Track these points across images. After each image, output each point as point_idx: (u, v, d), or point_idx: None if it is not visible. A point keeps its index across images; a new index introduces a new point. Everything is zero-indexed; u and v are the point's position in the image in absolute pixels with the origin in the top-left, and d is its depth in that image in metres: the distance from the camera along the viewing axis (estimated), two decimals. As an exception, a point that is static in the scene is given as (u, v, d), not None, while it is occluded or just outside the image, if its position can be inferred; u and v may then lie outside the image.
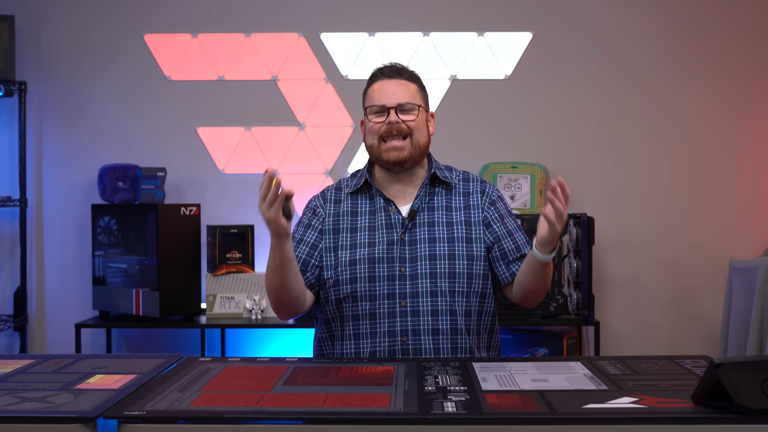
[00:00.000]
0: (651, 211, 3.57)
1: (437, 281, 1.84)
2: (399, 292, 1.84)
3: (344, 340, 1.87)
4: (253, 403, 1.34)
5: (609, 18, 3.57)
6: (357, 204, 1.95)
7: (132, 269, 3.32)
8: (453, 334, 1.84)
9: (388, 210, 1.91)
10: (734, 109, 3.56)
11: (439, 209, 1.92)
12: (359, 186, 1.96)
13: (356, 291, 1.85)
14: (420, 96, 1.94)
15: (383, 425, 1.26)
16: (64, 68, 3.60)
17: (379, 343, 1.83)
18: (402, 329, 1.83)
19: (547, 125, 3.58)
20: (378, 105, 1.90)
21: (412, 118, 1.89)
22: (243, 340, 3.57)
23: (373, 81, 1.96)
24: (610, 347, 3.52)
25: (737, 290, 3.10)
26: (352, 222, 1.92)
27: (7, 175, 3.58)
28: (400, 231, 1.88)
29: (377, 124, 1.89)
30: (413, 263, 1.86)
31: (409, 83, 1.93)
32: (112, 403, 1.34)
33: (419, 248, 1.87)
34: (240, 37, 3.59)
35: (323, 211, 1.96)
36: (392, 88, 1.91)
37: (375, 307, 1.84)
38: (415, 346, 1.82)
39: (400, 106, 1.89)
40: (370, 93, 1.94)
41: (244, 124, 3.60)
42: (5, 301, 3.60)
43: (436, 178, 1.95)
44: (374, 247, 1.87)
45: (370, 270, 1.86)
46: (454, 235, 1.89)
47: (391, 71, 1.94)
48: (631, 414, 1.25)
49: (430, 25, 3.58)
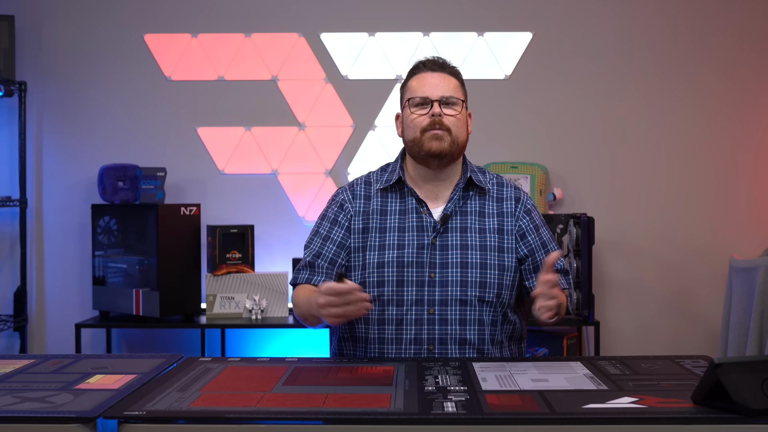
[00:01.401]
0: (651, 211, 3.57)
1: (468, 290, 1.79)
2: (428, 299, 1.79)
3: (368, 344, 1.82)
4: (253, 403, 1.34)
5: (609, 18, 3.57)
6: (387, 202, 1.88)
7: (132, 269, 3.32)
8: (480, 344, 1.79)
9: (420, 212, 1.84)
10: (734, 110, 3.56)
11: (472, 214, 1.85)
12: (391, 183, 1.88)
13: (383, 294, 1.80)
14: (462, 92, 1.87)
15: (383, 425, 1.26)
16: (64, 68, 3.60)
17: (405, 350, 1.79)
18: (429, 337, 1.78)
19: (547, 125, 3.58)
20: (420, 97, 1.82)
21: (455, 113, 1.82)
22: (243, 340, 3.57)
23: (414, 73, 1.88)
24: (610, 347, 3.52)
25: (737, 290, 3.10)
26: (381, 221, 1.85)
27: (7, 175, 3.58)
28: (432, 235, 1.82)
29: (420, 116, 1.82)
30: (443, 269, 1.80)
31: (452, 78, 1.86)
32: (112, 403, 1.34)
33: (451, 254, 1.81)
34: (240, 37, 3.59)
35: (351, 208, 1.88)
36: (436, 81, 1.83)
37: (402, 312, 1.79)
38: (441, 354, 1.78)
39: (444, 99, 1.82)
40: (411, 85, 1.86)
41: (244, 124, 3.60)
42: (5, 301, 3.60)
43: (470, 183, 1.88)
44: (404, 249, 1.81)
45: (398, 274, 1.80)
46: (486, 243, 1.83)
47: (434, 64, 1.87)
48: (631, 414, 1.25)
49: (430, 25, 3.58)
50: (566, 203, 3.57)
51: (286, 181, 3.58)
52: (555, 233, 3.22)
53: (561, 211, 3.55)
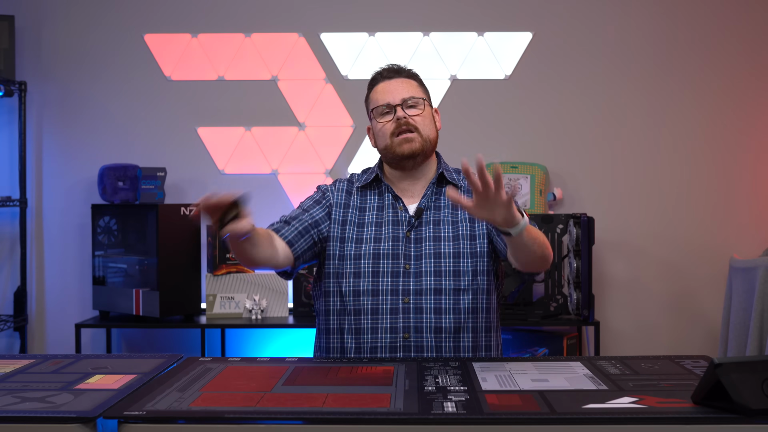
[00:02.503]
0: (651, 211, 3.57)
1: (441, 279, 1.85)
2: (403, 288, 1.85)
3: (345, 334, 1.87)
4: (253, 403, 1.34)
5: (609, 18, 3.57)
6: (366, 199, 1.97)
7: (132, 269, 3.32)
8: (456, 332, 1.84)
9: (396, 207, 1.93)
10: (734, 109, 3.56)
11: (445, 208, 1.93)
12: (369, 181, 1.97)
13: (359, 285, 1.86)
14: (422, 90, 1.96)
15: (383, 425, 1.26)
16: (64, 68, 3.60)
17: (381, 339, 1.83)
18: (404, 326, 1.83)
19: (547, 125, 3.58)
20: (383, 105, 1.91)
21: (418, 112, 1.91)
22: (243, 340, 3.57)
23: (374, 84, 1.97)
24: (610, 347, 3.52)
25: (737, 290, 3.10)
26: (360, 216, 1.94)
27: (7, 175, 3.58)
28: (406, 228, 1.90)
29: (387, 123, 1.91)
30: (418, 261, 1.87)
31: (410, 80, 1.95)
32: (112, 403, 1.34)
33: (424, 246, 1.88)
34: (240, 37, 3.59)
35: (332, 198, 1.97)
36: (394, 87, 1.92)
37: (378, 302, 1.85)
38: (417, 343, 1.82)
39: (405, 102, 1.90)
40: (373, 96, 1.96)
41: (244, 124, 3.60)
42: (5, 301, 3.60)
43: (443, 178, 1.97)
44: (380, 243, 1.88)
45: (374, 265, 1.86)
46: (459, 233, 1.89)
47: (390, 72, 1.96)
48: (631, 414, 1.25)
49: (430, 25, 3.58)
50: (566, 203, 3.57)
51: (286, 181, 3.58)
52: (555, 233, 3.22)
53: (561, 211, 3.55)
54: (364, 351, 1.84)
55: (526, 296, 3.20)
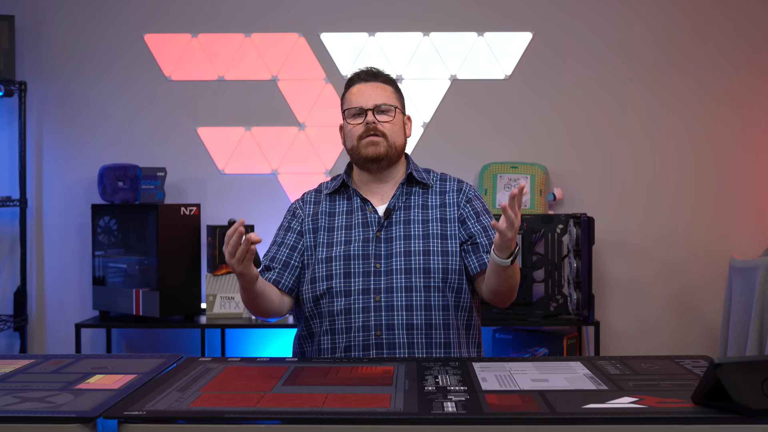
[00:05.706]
0: (651, 211, 3.57)
1: (412, 277, 1.87)
2: (374, 287, 1.87)
3: (320, 336, 1.89)
4: (253, 403, 1.34)
5: (609, 18, 3.57)
6: (335, 205, 2.00)
7: (132, 269, 3.32)
8: (428, 329, 1.86)
9: (365, 209, 1.96)
10: (734, 109, 3.56)
11: (415, 208, 1.96)
12: (337, 187, 2.01)
13: (332, 287, 1.88)
14: (396, 98, 2.00)
15: (383, 425, 1.26)
16: (64, 68, 3.60)
17: (354, 338, 1.85)
18: (376, 323, 1.85)
19: (547, 125, 3.58)
20: (356, 107, 1.95)
21: (388, 119, 1.95)
22: (243, 340, 3.57)
23: (350, 85, 2.01)
24: (610, 347, 3.52)
25: (737, 290, 3.10)
26: (330, 221, 1.97)
27: (7, 175, 3.58)
28: (376, 229, 1.93)
29: (356, 126, 1.95)
30: (388, 260, 1.89)
31: (386, 86, 1.99)
32: (112, 403, 1.34)
33: (395, 245, 1.90)
34: (240, 37, 3.59)
35: (302, 212, 2.01)
36: (369, 91, 1.96)
37: (350, 302, 1.87)
38: (389, 340, 1.84)
39: (377, 107, 1.94)
40: (348, 97, 1.99)
41: (244, 124, 3.60)
42: (5, 301, 3.60)
43: (413, 179, 2.00)
44: (350, 244, 1.91)
45: (345, 266, 1.89)
46: (429, 232, 1.92)
47: (368, 75, 2.00)
48: (631, 414, 1.25)
49: (430, 25, 3.58)
50: (566, 203, 3.57)
51: (286, 181, 3.58)
52: (555, 233, 3.22)
53: (561, 211, 3.55)
54: (338, 351, 1.86)
55: (526, 296, 3.20)
